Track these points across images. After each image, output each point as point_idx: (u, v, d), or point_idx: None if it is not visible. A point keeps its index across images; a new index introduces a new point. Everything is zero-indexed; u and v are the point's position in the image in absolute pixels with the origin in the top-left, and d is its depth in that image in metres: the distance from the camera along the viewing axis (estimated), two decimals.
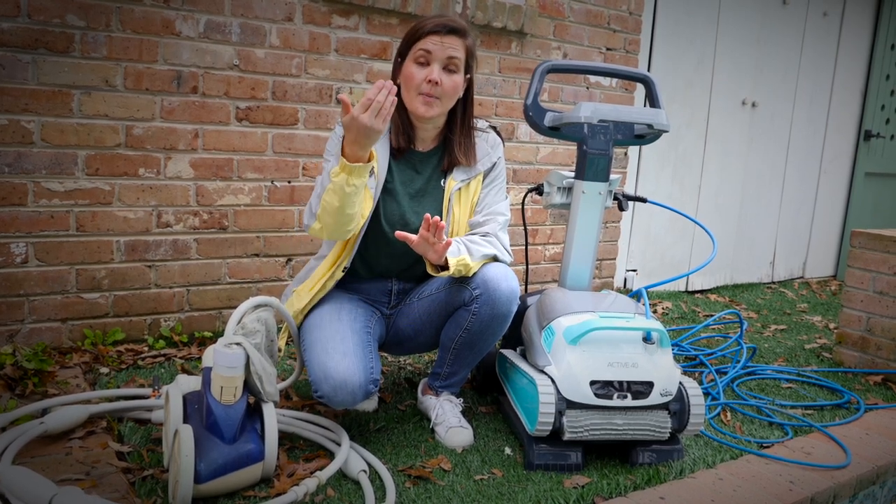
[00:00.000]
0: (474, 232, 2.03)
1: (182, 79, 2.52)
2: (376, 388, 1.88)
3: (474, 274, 1.93)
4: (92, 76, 2.36)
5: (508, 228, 2.09)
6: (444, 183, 2.05)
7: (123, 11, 2.38)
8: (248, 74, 2.64)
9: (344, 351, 1.83)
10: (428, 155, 2.06)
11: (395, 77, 2.00)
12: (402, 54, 1.96)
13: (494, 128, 2.14)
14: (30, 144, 2.30)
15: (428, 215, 1.76)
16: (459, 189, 2.03)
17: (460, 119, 2.03)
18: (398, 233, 1.80)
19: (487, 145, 2.08)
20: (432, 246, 1.78)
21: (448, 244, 1.79)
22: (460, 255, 1.87)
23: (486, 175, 2.07)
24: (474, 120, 2.08)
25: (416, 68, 1.92)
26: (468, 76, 1.99)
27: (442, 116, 2.01)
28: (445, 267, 1.86)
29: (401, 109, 1.99)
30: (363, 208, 1.92)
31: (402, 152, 2.03)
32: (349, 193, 1.77)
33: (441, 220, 1.74)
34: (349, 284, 2.10)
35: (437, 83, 1.90)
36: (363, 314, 2.03)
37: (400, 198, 2.02)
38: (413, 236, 1.79)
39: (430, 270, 1.90)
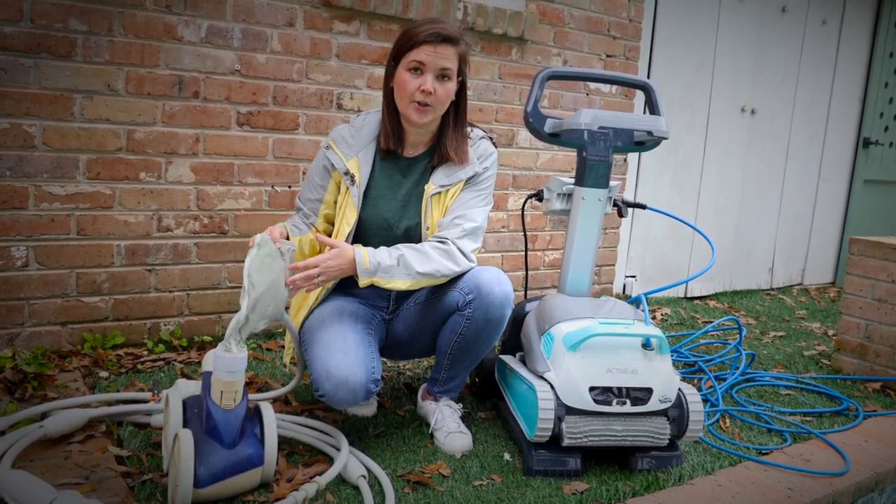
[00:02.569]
0: (436, 235, 1.98)
1: (183, 83, 2.52)
2: (377, 387, 1.89)
3: (467, 278, 1.94)
4: (94, 80, 2.36)
5: (508, 234, 2.09)
6: (425, 187, 2.05)
7: (125, 16, 2.39)
8: (250, 79, 2.65)
9: (345, 350, 1.84)
10: (416, 160, 2.06)
11: (387, 81, 2.00)
12: (396, 59, 1.96)
13: (491, 138, 2.12)
14: (31, 148, 2.30)
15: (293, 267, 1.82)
16: (439, 193, 2.02)
17: (452, 121, 2.02)
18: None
19: (475, 155, 2.06)
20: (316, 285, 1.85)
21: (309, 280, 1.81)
22: (374, 276, 1.86)
23: (467, 181, 2.03)
24: (471, 128, 2.08)
25: (410, 76, 1.91)
26: (460, 79, 1.99)
27: (435, 122, 2.01)
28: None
29: (392, 113, 2.00)
30: (347, 217, 2.00)
31: (389, 154, 2.04)
32: None
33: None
34: (349, 289, 2.11)
35: (431, 92, 1.90)
36: (364, 316, 2.04)
37: (384, 203, 2.03)
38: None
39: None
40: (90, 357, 2.39)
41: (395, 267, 1.87)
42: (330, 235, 2.07)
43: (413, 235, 2.04)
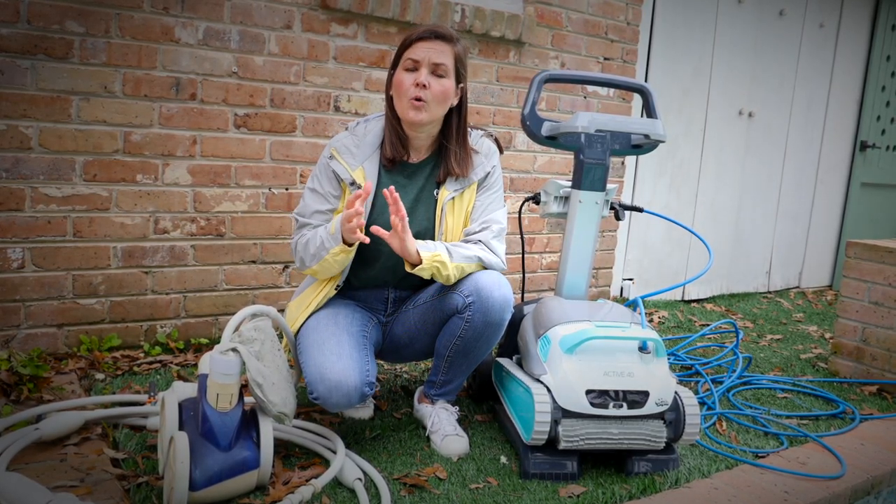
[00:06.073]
0: (466, 240, 2.03)
1: (181, 85, 2.52)
2: (371, 390, 1.89)
3: (467, 281, 1.93)
4: (91, 82, 2.36)
5: (505, 237, 2.09)
6: (436, 193, 2.05)
7: (123, 18, 2.39)
8: (247, 81, 2.65)
9: (339, 353, 1.84)
10: (421, 165, 2.06)
11: (388, 89, 2.01)
12: (394, 65, 1.98)
13: (491, 135, 2.14)
14: (28, 150, 2.30)
15: (386, 191, 1.80)
16: (453, 199, 2.03)
17: (455, 129, 2.03)
18: (372, 228, 1.83)
19: (482, 154, 2.07)
20: (399, 234, 1.81)
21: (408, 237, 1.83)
22: (436, 251, 1.88)
23: (480, 184, 2.07)
24: (469, 130, 2.09)
25: (405, 74, 1.94)
26: (461, 85, 1.99)
27: (435, 124, 2.01)
28: (421, 262, 1.88)
29: (394, 121, 2.00)
30: None
31: (394, 163, 2.03)
32: (348, 260, 1.94)
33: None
34: (346, 292, 2.11)
35: (424, 86, 1.91)
36: (360, 319, 2.04)
37: (391, 210, 2.02)
38: (385, 232, 1.83)
39: (407, 268, 1.91)
40: (86, 359, 2.38)
41: (442, 248, 1.90)
42: None
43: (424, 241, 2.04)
